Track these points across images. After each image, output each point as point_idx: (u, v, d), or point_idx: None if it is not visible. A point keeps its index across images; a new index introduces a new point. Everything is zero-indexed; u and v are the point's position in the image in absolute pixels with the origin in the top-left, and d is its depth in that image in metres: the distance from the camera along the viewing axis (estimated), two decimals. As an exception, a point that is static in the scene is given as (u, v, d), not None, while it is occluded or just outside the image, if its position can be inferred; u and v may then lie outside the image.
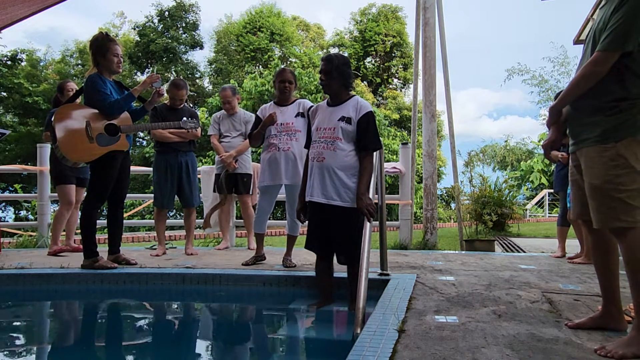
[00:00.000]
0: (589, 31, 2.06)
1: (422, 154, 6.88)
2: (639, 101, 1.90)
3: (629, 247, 1.88)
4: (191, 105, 22.66)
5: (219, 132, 5.11)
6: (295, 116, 3.93)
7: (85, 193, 4.83)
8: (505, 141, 27.37)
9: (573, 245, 4.79)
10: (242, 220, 5.60)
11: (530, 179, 22.32)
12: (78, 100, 4.23)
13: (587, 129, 1.99)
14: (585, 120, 2.01)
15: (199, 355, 2.63)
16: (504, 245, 6.90)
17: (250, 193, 5.20)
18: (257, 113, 4.08)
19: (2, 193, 17.90)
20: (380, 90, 25.48)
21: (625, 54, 1.87)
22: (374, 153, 3.04)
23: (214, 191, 5.35)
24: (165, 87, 4.28)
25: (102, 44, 3.78)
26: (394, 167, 5.97)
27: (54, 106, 4.82)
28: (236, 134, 5.01)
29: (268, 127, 3.91)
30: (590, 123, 1.99)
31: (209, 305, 3.69)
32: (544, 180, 21.39)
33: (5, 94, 19.56)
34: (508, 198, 9.38)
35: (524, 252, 5.82)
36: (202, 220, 5.93)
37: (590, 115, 1.99)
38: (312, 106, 3.94)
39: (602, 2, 2.03)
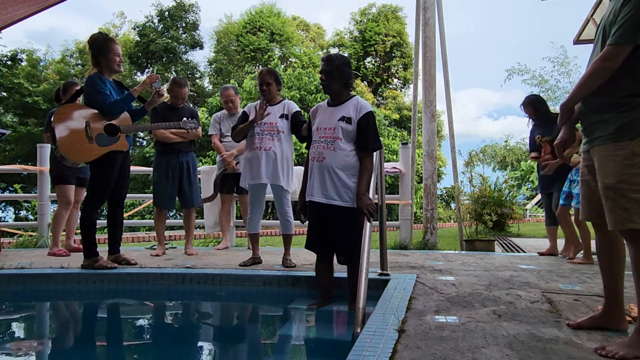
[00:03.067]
0: (599, 25, 1.99)
1: (422, 154, 6.88)
2: None
3: (639, 250, 1.82)
4: (191, 105, 22.65)
5: (220, 132, 5.11)
6: (280, 117, 3.94)
7: (86, 193, 4.84)
8: (505, 141, 27.37)
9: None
10: (242, 221, 5.60)
11: (530, 179, 22.31)
12: (78, 101, 4.23)
13: (600, 127, 1.93)
14: (597, 118, 1.95)
15: (199, 355, 2.63)
16: (504, 245, 6.90)
17: None
18: (244, 109, 4.09)
19: (2, 193, 17.91)
20: (380, 90, 25.49)
21: (637, 47, 1.81)
22: (374, 153, 3.04)
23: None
24: (165, 86, 4.28)
25: (103, 43, 3.79)
26: (394, 167, 5.97)
27: (55, 101, 4.83)
28: None
29: (255, 123, 3.87)
30: (602, 120, 1.92)
31: (209, 306, 3.69)
32: (544, 180, 21.31)
33: (5, 94, 19.55)
34: (508, 198, 9.38)
35: (524, 252, 5.82)
36: (202, 220, 5.94)
37: (602, 113, 1.92)
38: (296, 110, 3.97)
39: None
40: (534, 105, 4.71)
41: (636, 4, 1.79)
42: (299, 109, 4.05)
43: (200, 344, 2.82)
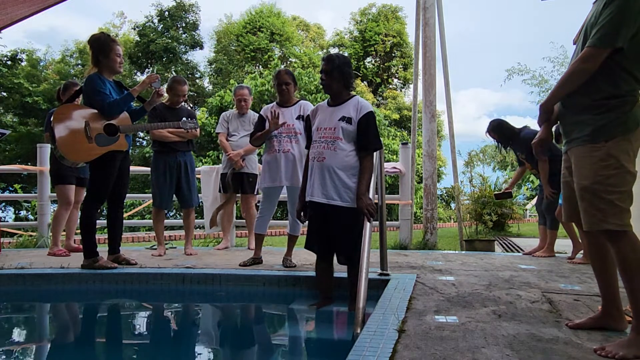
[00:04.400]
0: (582, 26, 2.02)
1: (422, 154, 6.89)
2: (629, 98, 1.86)
3: (620, 251, 1.85)
4: (191, 105, 22.69)
5: (227, 131, 5.12)
6: (297, 118, 3.94)
7: (85, 193, 4.85)
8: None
9: (570, 245, 4.79)
10: (242, 220, 5.60)
11: (530, 179, 22.29)
12: (78, 100, 4.23)
13: (577, 128, 1.95)
14: (575, 119, 1.97)
15: (199, 355, 2.63)
16: (504, 245, 6.90)
17: (256, 193, 5.21)
18: (261, 112, 4.09)
19: (2, 193, 17.88)
20: (380, 90, 25.48)
21: (616, 50, 1.83)
22: (374, 153, 3.04)
23: (220, 191, 5.36)
24: (165, 86, 4.29)
25: (105, 43, 3.79)
26: (394, 167, 5.97)
27: (57, 101, 4.85)
28: (244, 134, 4.99)
29: (273, 130, 3.88)
30: (579, 122, 1.94)
31: (209, 306, 3.69)
32: (544, 181, 21.29)
33: (5, 94, 19.54)
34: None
35: (524, 252, 5.81)
36: (202, 220, 5.94)
37: (579, 114, 1.95)
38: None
39: None
40: (496, 131, 4.91)
41: (616, 7, 1.81)
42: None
43: (200, 344, 2.82)
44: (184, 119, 4.32)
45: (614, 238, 1.86)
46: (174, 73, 22.90)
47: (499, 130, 4.88)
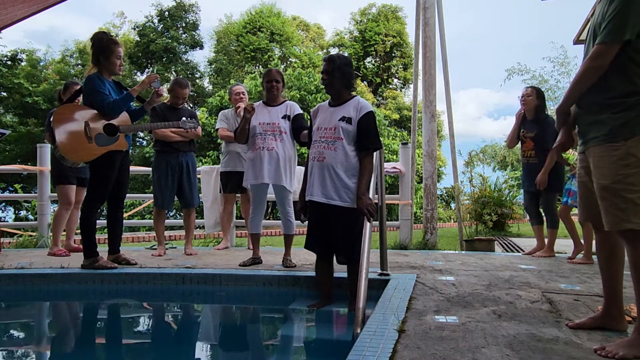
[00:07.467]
0: (589, 27, 2.02)
1: (422, 154, 6.88)
2: None
3: (637, 251, 1.82)
4: (191, 106, 22.69)
5: (226, 126, 5.15)
6: (282, 117, 3.95)
7: (86, 193, 4.85)
8: (505, 141, 27.29)
9: (570, 245, 4.79)
10: (242, 220, 5.60)
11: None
12: (78, 100, 4.23)
13: (594, 128, 1.93)
14: (591, 119, 1.95)
15: (199, 355, 2.63)
16: (504, 245, 6.90)
17: None
18: None
19: (2, 193, 17.88)
20: (380, 90, 25.47)
21: (626, 45, 1.82)
22: (374, 153, 3.05)
23: (220, 191, 5.37)
24: (165, 86, 4.29)
25: (106, 45, 3.79)
26: (394, 167, 5.97)
27: (58, 102, 4.85)
28: None
29: (250, 119, 3.89)
30: (597, 121, 1.92)
31: (209, 306, 3.69)
32: (544, 181, 21.27)
33: (5, 94, 19.52)
34: (508, 198, 9.36)
35: (524, 252, 5.80)
36: (202, 220, 5.94)
37: (596, 113, 1.93)
38: (298, 113, 3.98)
39: None
40: (540, 97, 4.60)
41: (620, 2, 1.80)
42: (301, 112, 4.05)
43: (200, 344, 2.82)
44: (184, 118, 4.32)
45: (633, 237, 1.83)
46: (174, 73, 22.90)
47: (543, 98, 4.59)
